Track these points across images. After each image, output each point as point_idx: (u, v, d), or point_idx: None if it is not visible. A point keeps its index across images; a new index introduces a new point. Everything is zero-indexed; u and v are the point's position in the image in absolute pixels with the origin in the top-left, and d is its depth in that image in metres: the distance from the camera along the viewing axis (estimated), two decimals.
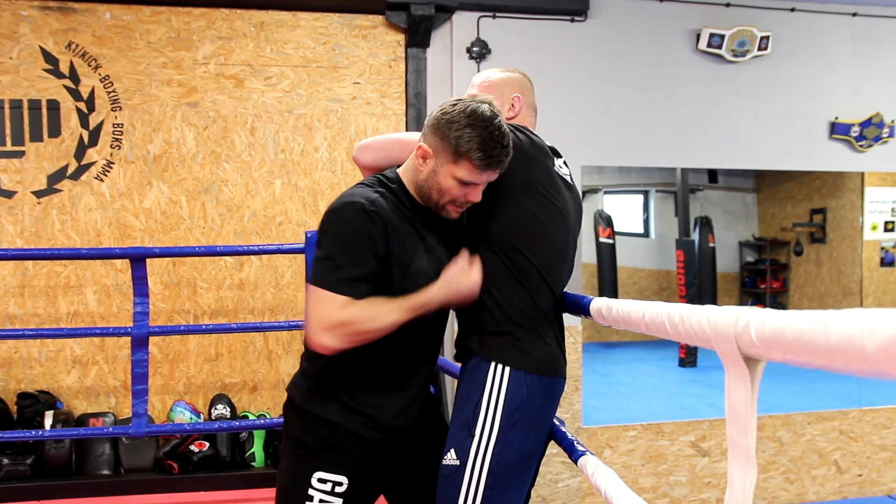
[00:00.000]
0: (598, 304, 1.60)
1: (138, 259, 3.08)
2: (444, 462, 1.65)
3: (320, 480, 1.65)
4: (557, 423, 1.83)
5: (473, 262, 1.68)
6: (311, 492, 1.65)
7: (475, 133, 1.54)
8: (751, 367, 0.92)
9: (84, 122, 3.85)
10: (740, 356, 0.91)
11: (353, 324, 1.53)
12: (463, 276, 1.65)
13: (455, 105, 1.60)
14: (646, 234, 8.91)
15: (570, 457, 1.70)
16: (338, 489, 1.65)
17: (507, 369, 1.63)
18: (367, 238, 1.55)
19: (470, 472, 1.60)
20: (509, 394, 1.61)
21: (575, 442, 1.74)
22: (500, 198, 1.68)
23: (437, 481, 1.70)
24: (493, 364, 1.64)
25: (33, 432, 3.32)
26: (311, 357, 1.70)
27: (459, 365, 1.79)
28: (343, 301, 1.53)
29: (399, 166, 1.74)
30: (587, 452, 1.67)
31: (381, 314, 1.56)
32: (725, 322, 0.93)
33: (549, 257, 1.72)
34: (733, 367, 0.94)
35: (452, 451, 1.63)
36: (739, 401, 0.94)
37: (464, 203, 1.64)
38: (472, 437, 1.61)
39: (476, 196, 1.63)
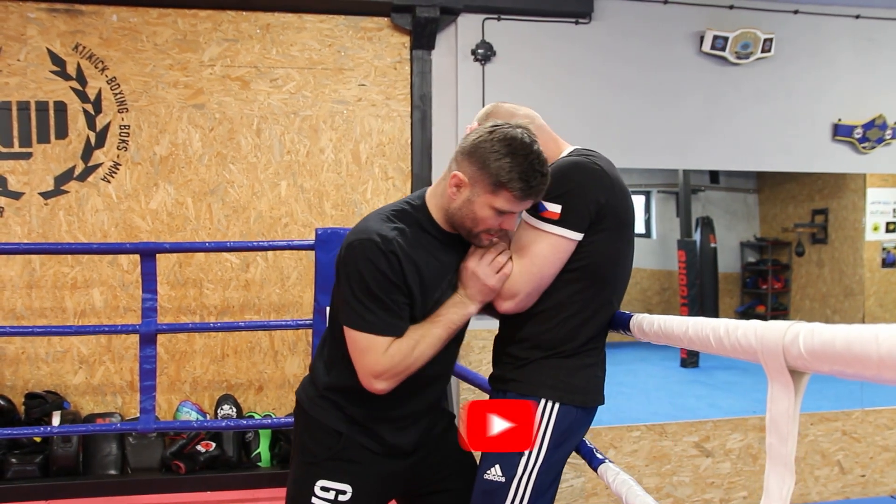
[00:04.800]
0: (639, 319, 1.59)
1: (148, 254, 3.09)
2: (486, 477, 1.64)
3: (323, 489, 1.64)
4: None
5: (503, 253, 1.62)
6: (314, 500, 1.64)
7: (515, 162, 1.48)
8: (795, 380, 0.93)
9: (91, 123, 3.86)
10: (786, 369, 0.93)
11: (399, 364, 1.54)
12: (491, 271, 1.59)
13: (492, 133, 1.53)
14: (647, 235, 8.91)
15: (590, 465, 1.73)
16: (341, 497, 1.64)
17: (558, 405, 1.63)
18: (388, 277, 1.52)
19: (515, 488, 1.61)
20: (559, 417, 1.63)
21: (594, 450, 1.76)
22: (603, 230, 1.63)
23: (463, 495, 1.72)
24: (543, 399, 1.64)
25: (42, 428, 3.34)
26: (321, 367, 1.70)
27: (488, 377, 1.80)
28: (386, 344, 1.53)
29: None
30: (606, 460, 1.69)
31: (420, 342, 1.56)
32: (773, 335, 0.94)
33: (623, 286, 1.74)
34: (778, 379, 0.95)
35: (498, 466, 1.62)
36: (781, 412, 0.95)
37: (497, 232, 1.59)
38: (522, 454, 1.61)
39: (511, 224, 1.58)
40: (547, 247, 1.60)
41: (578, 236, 1.60)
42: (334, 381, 1.66)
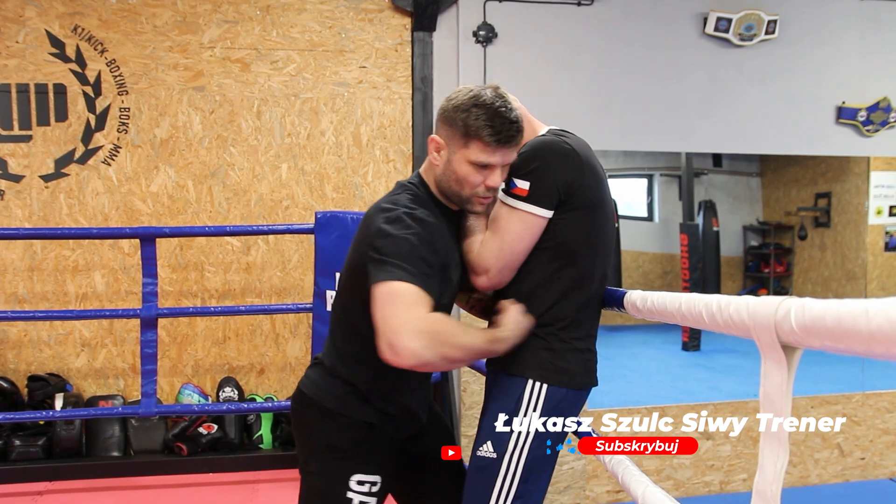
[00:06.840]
0: (633, 296, 1.60)
1: (148, 239, 3.09)
2: (478, 453, 1.65)
3: (359, 482, 1.64)
4: None
5: (519, 307, 1.64)
6: (349, 494, 1.64)
7: (481, 111, 1.53)
8: (788, 355, 0.93)
9: (91, 106, 3.85)
10: (778, 344, 0.93)
11: (444, 333, 1.38)
12: (523, 321, 1.62)
13: (459, 91, 1.60)
14: (650, 218, 8.89)
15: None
16: (374, 489, 1.66)
17: (546, 385, 1.64)
18: (425, 242, 1.50)
19: (507, 465, 1.62)
20: (547, 398, 1.63)
21: (593, 432, 1.77)
22: (573, 209, 1.64)
23: (448, 472, 1.74)
24: (530, 379, 1.64)
25: (46, 413, 3.36)
26: (340, 364, 1.67)
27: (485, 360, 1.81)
28: (426, 299, 1.39)
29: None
30: None
31: (464, 333, 1.45)
32: (765, 311, 0.94)
33: (605, 264, 1.73)
34: (771, 355, 0.95)
35: (490, 443, 1.63)
36: (775, 387, 0.95)
37: (486, 191, 1.60)
38: (511, 431, 1.62)
39: (496, 180, 1.59)
40: (516, 223, 1.62)
41: (547, 213, 1.62)
42: (362, 377, 1.65)
